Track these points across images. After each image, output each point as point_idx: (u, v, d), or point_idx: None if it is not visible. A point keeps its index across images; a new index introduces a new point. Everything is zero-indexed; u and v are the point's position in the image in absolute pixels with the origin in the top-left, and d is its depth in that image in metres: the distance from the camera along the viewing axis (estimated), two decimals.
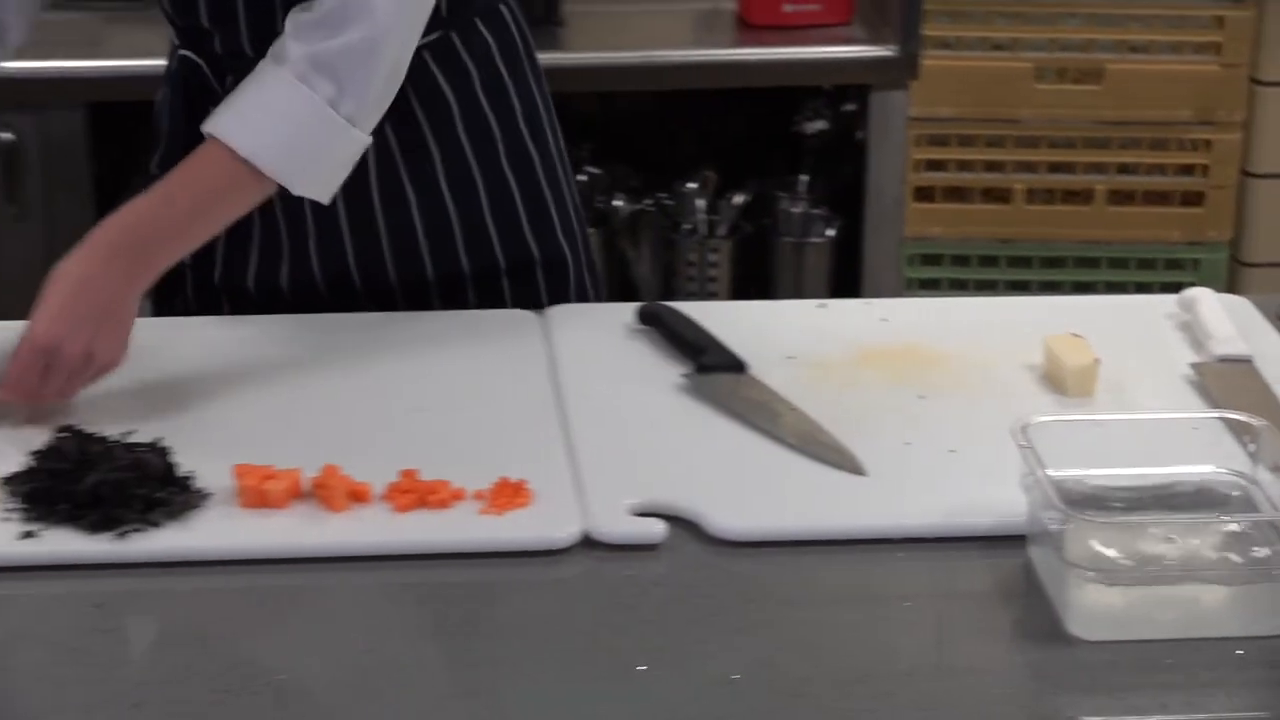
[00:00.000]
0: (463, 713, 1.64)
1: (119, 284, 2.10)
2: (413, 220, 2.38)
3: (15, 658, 1.73)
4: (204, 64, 2.35)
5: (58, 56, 3.26)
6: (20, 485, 1.91)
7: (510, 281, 2.43)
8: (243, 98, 2.16)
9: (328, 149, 2.17)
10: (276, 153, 2.14)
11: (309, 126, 2.14)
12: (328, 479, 1.91)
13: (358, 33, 2.13)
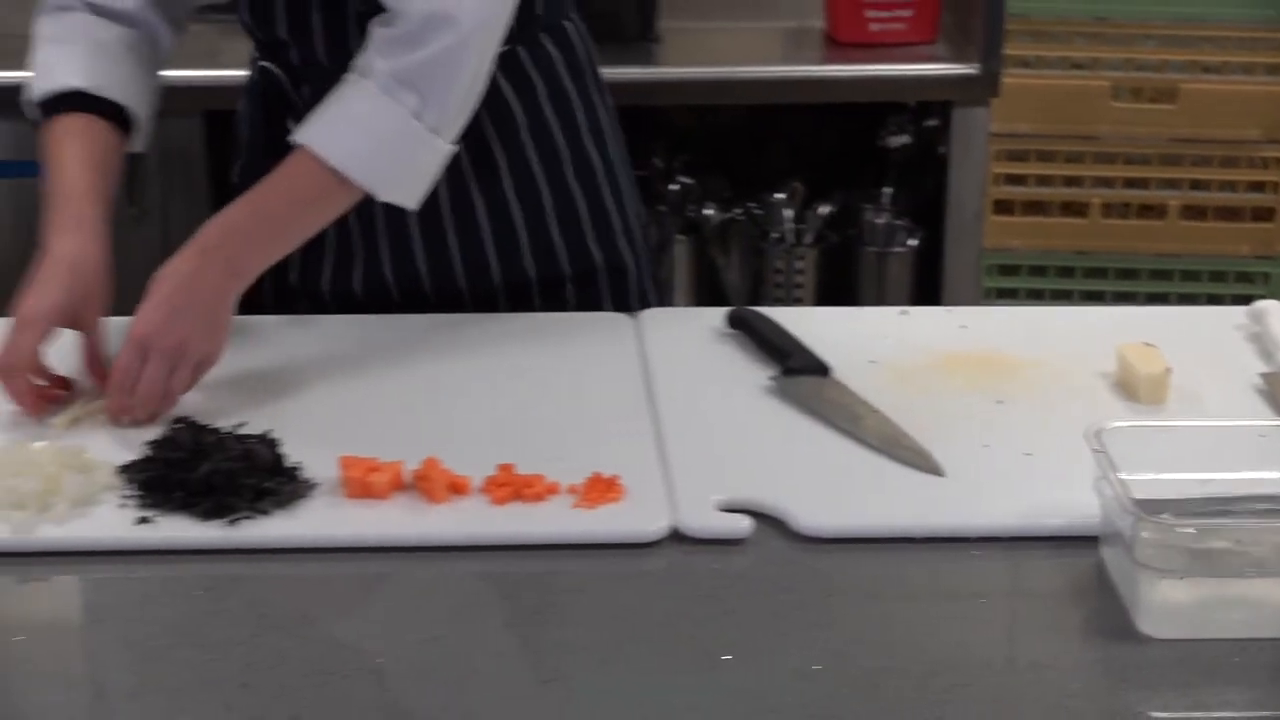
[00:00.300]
0: (554, 698, 1.64)
1: (215, 284, 2.12)
2: (480, 228, 2.39)
3: (129, 637, 1.74)
4: (282, 75, 2.37)
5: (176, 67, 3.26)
6: (137, 473, 1.92)
7: (574, 287, 2.44)
8: (332, 110, 2.17)
9: (412, 158, 2.18)
10: (364, 162, 2.15)
11: (394, 137, 2.16)
12: (429, 471, 1.92)
13: (439, 45, 2.14)
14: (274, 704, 1.62)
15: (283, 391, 2.12)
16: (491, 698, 1.64)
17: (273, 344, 2.24)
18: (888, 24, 3.43)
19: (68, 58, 2.30)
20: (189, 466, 1.90)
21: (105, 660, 1.72)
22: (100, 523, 1.87)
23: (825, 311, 2.38)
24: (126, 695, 1.65)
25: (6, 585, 1.82)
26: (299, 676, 1.66)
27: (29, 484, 1.88)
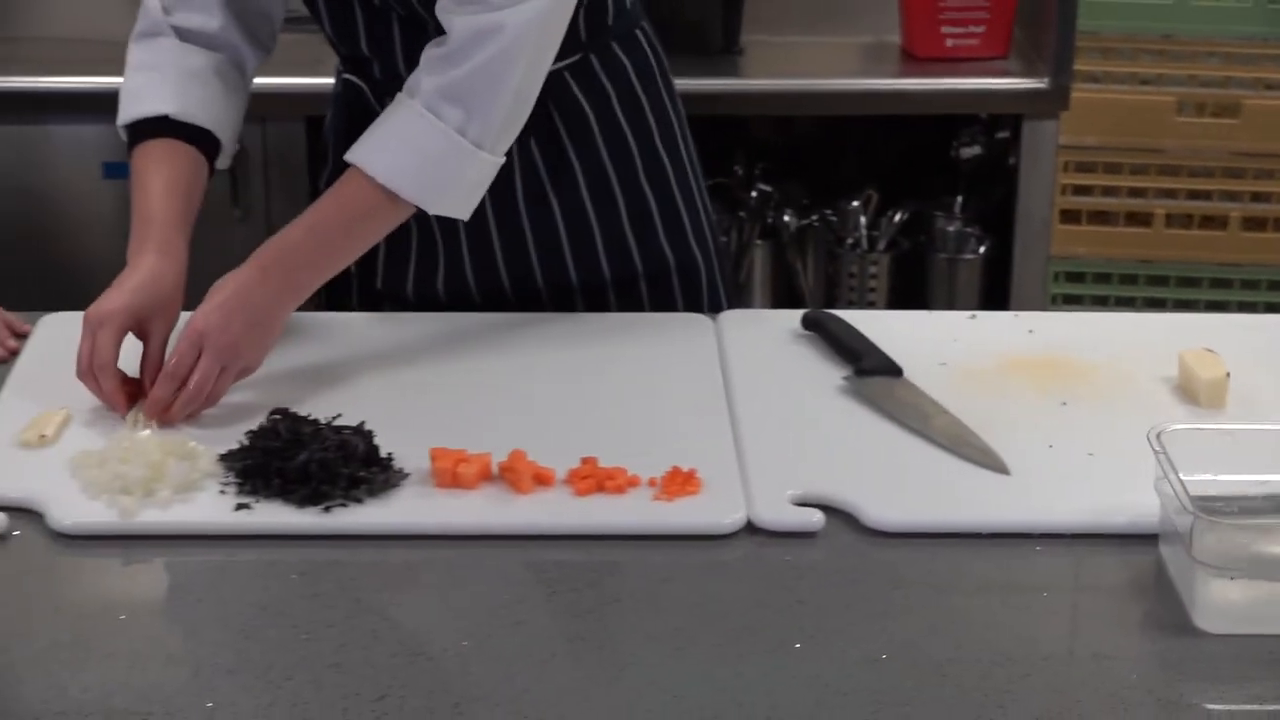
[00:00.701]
0: (631, 683, 1.63)
1: (271, 298, 2.11)
2: (558, 229, 2.38)
3: (226, 617, 1.74)
4: (365, 87, 2.37)
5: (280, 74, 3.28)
6: (236, 462, 1.92)
7: (648, 286, 2.43)
8: (381, 129, 2.18)
9: (459, 173, 2.17)
10: (412, 179, 2.15)
11: (440, 154, 2.15)
12: (515, 463, 1.91)
13: (482, 59, 2.13)
14: (363, 683, 1.62)
15: (376, 385, 2.12)
16: (571, 681, 1.63)
17: (366, 340, 2.25)
18: (962, 39, 3.42)
19: (155, 84, 2.30)
20: (287, 456, 1.90)
21: (203, 639, 1.72)
22: (201, 508, 1.88)
23: (897, 315, 2.37)
24: (223, 673, 1.65)
25: (112, 566, 1.83)
26: (387, 657, 1.66)
27: (135, 471, 1.89)
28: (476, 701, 1.60)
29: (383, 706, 1.59)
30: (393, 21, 2.29)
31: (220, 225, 3.27)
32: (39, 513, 1.87)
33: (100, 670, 1.64)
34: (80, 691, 1.61)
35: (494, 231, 2.37)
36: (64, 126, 3.25)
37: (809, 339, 2.24)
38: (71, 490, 1.90)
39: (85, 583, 1.81)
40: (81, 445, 1.97)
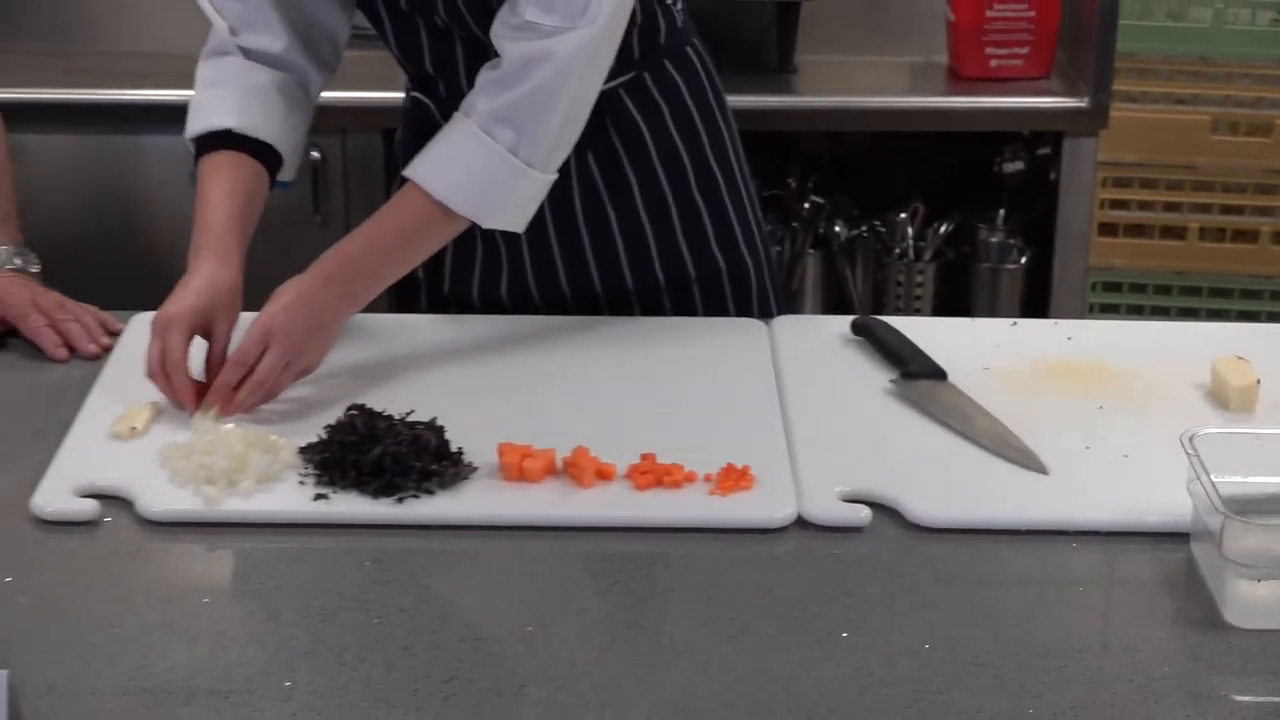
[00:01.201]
0: (686, 668, 1.63)
1: (330, 306, 2.13)
2: (614, 238, 2.38)
3: (304, 602, 1.75)
4: (431, 105, 2.38)
5: (358, 88, 3.30)
6: (315, 455, 1.93)
7: (700, 292, 2.42)
8: (438, 146, 2.18)
9: (510, 189, 2.17)
10: (466, 194, 2.16)
11: (493, 171, 2.16)
12: (578, 459, 1.92)
13: (534, 83, 2.13)
14: (433, 665, 1.63)
15: (447, 384, 2.13)
16: (629, 666, 1.64)
17: (437, 341, 2.25)
18: (1006, 60, 3.40)
19: (220, 99, 2.31)
20: (362, 449, 1.90)
21: (281, 622, 1.72)
22: (281, 498, 1.88)
23: (942, 321, 2.36)
24: (300, 654, 1.65)
25: (196, 552, 1.83)
26: (455, 641, 1.67)
27: (219, 462, 1.90)
28: (539, 684, 1.61)
29: (451, 688, 1.60)
30: (455, 42, 2.30)
31: (302, 230, 3.29)
32: (129, 501, 1.88)
33: (185, 650, 1.65)
34: (166, 670, 1.62)
35: (554, 241, 2.37)
36: (153, 137, 3.26)
37: (858, 343, 2.24)
38: (159, 480, 1.91)
39: (171, 567, 1.82)
40: (169, 437, 1.98)
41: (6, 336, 2.25)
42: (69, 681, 1.60)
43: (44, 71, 3.25)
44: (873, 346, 2.22)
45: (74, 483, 1.90)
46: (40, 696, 1.57)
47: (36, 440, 2.00)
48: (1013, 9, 3.38)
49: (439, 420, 1.96)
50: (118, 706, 1.57)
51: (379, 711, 1.57)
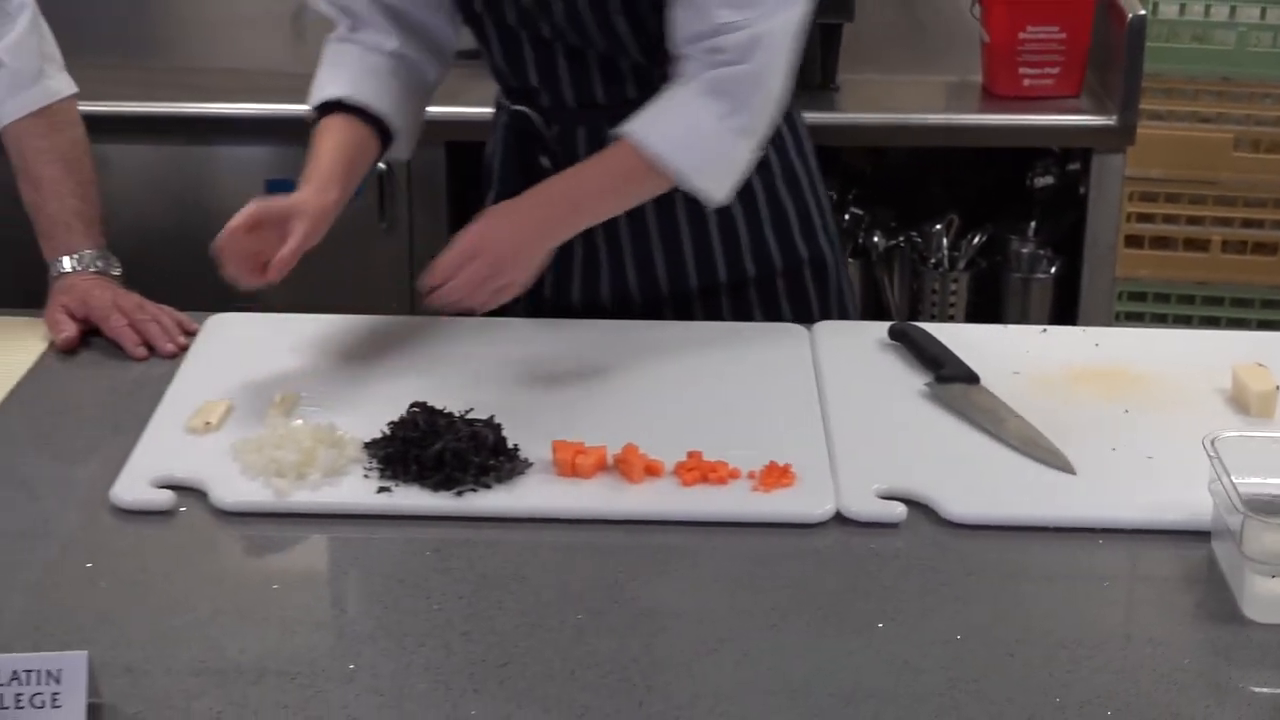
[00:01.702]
0: (729, 655, 1.63)
1: (531, 233, 2.18)
2: (710, 234, 2.39)
3: (368, 589, 1.76)
4: (534, 115, 2.37)
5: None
6: (379, 450, 1.93)
7: (784, 282, 2.43)
8: (654, 109, 2.20)
9: (719, 153, 2.20)
10: (678, 150, 2.17)
11: (705, 134, 2.18)
12: (628, 455, 1.92)
13: (750, 66, 2.17)
14: (489, 650, 1.63)
15: (504, 383, 2.12)
16: (675, 652, 1.64)
17: (495, 343, 2.25)
18: (1038, 80, 3.38)
19: (336, 77, 2.34)
20: (424, 445, 1.91)
21: (346, 608, 1.73)
22: (347, 490, 1.89)
23: (975, 328, 2.36)
24: (364, 638, 1.66)
25: (266, 541, 1.84)
26: (511, 627, 1.67)
27: (288, 456, 1.90)
28: (590, 669, 1.61)
29: (506, 671, 1.60)
30: (558, 53, 2.30)
31: (369, 237, 3.30)
32: (203, 492, 1.89)
33: (255, 634, 1.66)
34: (237, 653, 1.63)
35: (655, 239, 2.38)
36: (229, 147, 3.27)
37: (895, 348, 2.23)
38: (232, 472, 1.91)
39: (242, 556, 1.83)
40: (242, 432, 1.98)
41: (89, 335, 2.26)
42: (145, 662, 1.61)
43: (126, 86, 3.26)
44: (909, 351, 2.21)
45: (151, 474, 1.91)
46: (118, 676, 1.58)
47: (116, 434, 2.01)
48: (1045, 31, 3.36)
49: (496, 418, 1.96)
50: (190, 686, 1.58)
51: (437, 693, 1.57)
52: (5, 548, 1.80)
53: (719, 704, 1.56)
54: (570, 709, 1.56)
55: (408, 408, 1.98)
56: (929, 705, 1.57)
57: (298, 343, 2.23)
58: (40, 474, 1.97)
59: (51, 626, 1.66)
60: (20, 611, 1.69)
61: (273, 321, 2.31)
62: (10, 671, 1.47)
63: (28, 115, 2.43)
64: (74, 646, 1.55)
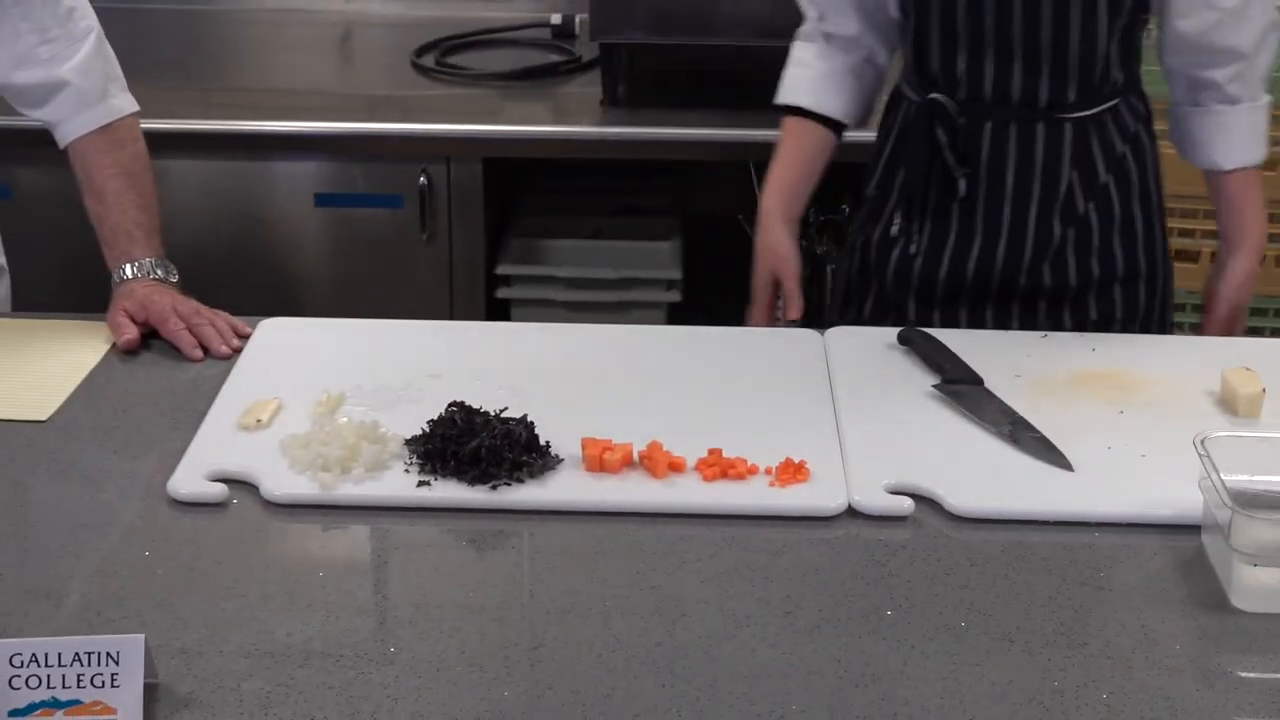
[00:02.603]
0: (747, 639, 1.63)
1: None
2: (1068, 234, 2.43)
3: (407, 577, 1.75)
4: (949, 104, 2.40)
5: (464, 121, 3.31)
6: (419, 446, 1.93)
7: (1121, 289, 2.48)
8: (1233, 133, 2.43)
9: None
10: (1259, 148, 2.44)
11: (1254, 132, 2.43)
12: (653, 452, 1.91)
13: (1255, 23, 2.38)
14: (521, 635, 1.63)
15: (536, 384, 2.12)
16: (696, 637, 1.63)
17: (527, 346, 2.25)
18: None
19: (802, 79, 2.54)
20: (461, 441, 1.90)
21: (387, 594, 1.73)
22: (389, 484, 1.88)
23: (978, 334, 2.35)
24: (404, 623, 1.66)
25: (312, 532, 1.83)
26: (542, 614, 1.67)
27: (334, 451, 1.90)
28: (616, 653, 1.60)
29: (537, 655, 1.60)
30: (988, 51, 2.36)
31: (411, 245, 3.30)
32: (253, 485, 1.89)
33: (301, 619, 1.66)
34: (285, 636, 1.63)
35: (1031, 227, 2.42)
36: (282, 162, 3.28)
37: (903, 352, 2.22)
38: (281, 466, 1.91)
39: (290, 545, 1.82)
40: (290, 429, 1.98)
41: (149, 338, 2.26)
42: (199, 645, 1.61)
43: (185, 105, 3.26)
44: (916, 355, 2.20)
45: (206, 468, 1.91)
46: (173, 657, 1.58)
47: (173, 430, 2.01)
48: None
49: (529, 417, 1.96)
50: (241, 667, 1.58)
51: (472, 674, 1.57)
52: (68, 537, 1.80)
53: (737, 686, 1.56)
54: (598, 690, 1.55)
55: (446, 406, 1.97)
56: (934, 687, 1.56)
57: (343, 345, 2.22)
58: (101, 468, 1.97)
59: (111, 611, 1.66)
60: (82, 596, 1.69)
61: (320, 326, 2.31)
62: (73, 653, 1.47)
63: (93, 132, 2.43)
64: (132, 630, 1.55)
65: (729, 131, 3.25)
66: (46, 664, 1.46)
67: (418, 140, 3.25)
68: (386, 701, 1.53)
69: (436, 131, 3.27)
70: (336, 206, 3.33)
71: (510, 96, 3.48)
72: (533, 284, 3.45)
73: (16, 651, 1.46)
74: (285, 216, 3.33)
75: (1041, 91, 2.36)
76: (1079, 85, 2.36)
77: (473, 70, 3.58)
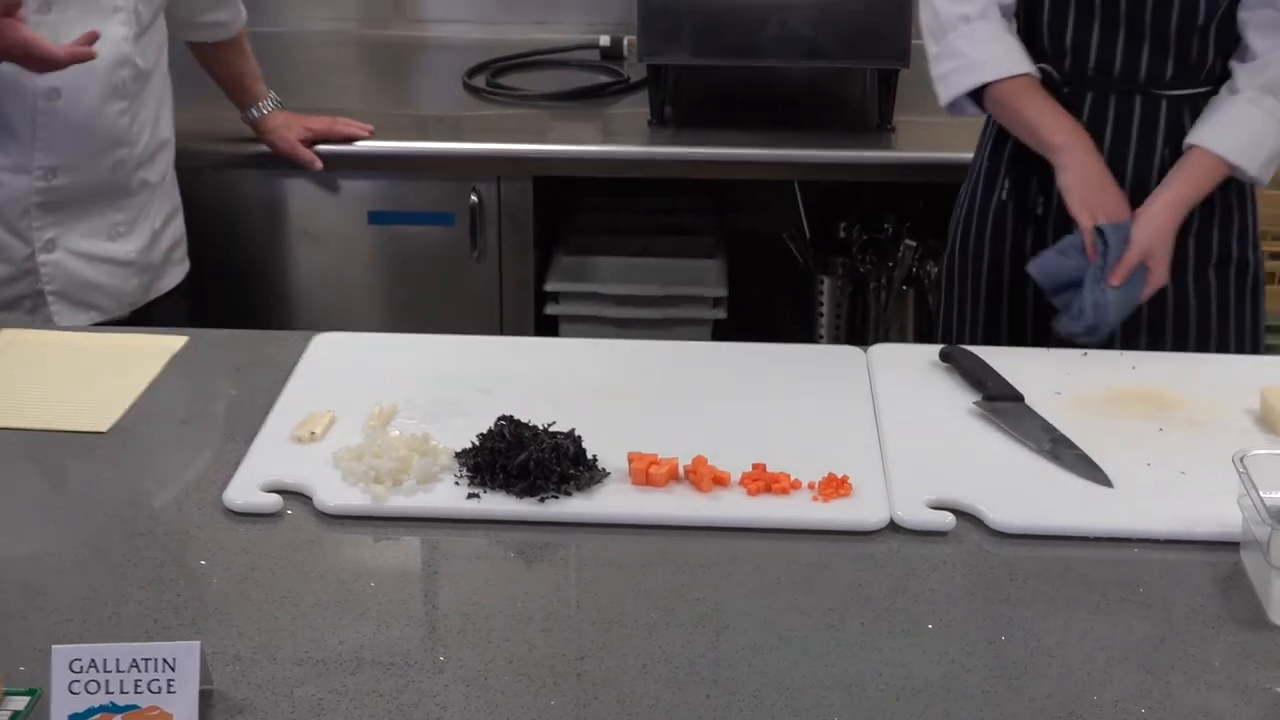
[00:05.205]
0: (790, 652, 1.62)
1: None
2: None
3: (457, 587, 1.75)
4: (1055, 74, 2.51)
5: (513, 141, 3.32)
6: (468, 459, 1.93)
7: (1214, 272, 2.56)
8: (1213, 117, 2.44)
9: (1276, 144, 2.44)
10: (1240, 149, 2.41)
11: (1262, 130, 2.42)
12: (698, 467, 1.91)
13: None
14: (567, 645, 1.63)
15: (583, 399, 2.12)
16: (740, 648, 1.62)
17: (575, 361, 2.25)
18: None
19: (1004, 51, 2.51)
20: (510, 455, 1.90)
21: (437, 604, 1.73)
22: (439, 496, 1.88)
23: (1019, 351, 2.34)
24: (453, 632, 1.66)
25: (364, 542, 1.84)
26: (588, 624, 1.66)
27: (386, 464, 1.90)
28: (660, 663, 1.60)
29: (583, 665, 1.59)
30: (1094, 24, 2.45)
31: (462, 262, 3.31)
32: (308, 496, 1.89)
33: (353, 627, 1.66)
34: (337, 643, 1.63)
35: None
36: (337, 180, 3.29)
37: (945, 369, 2.21)
38: (334, 478, 1.91)
39: (342, 555, 1.83)
40: (343, 442, 1.99)
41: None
42: (253, 652, 1.61)
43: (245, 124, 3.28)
44: (958, 372, 2.19)
45: (261, 480, 1.91)
46: (228, 664, 1.58)
47: (229, 442, 2.01)
48: None
49: (577, 431, 1.96)
50: (294, 674, 1.58)
51: (519, 684, 1.57)
52: (126, 546, 1.80)
53: (780, 698, 1.55)
54: (642, 701, 1.55)
55: (495, 420, 1.97)
56: (974, 701, 1.55)
57: (396, 360, 2.23)
58: (159, 478, 1.98)
59: (168, 619, 1.67)
60: (139, 604, 1.70)
61: (373, 340, 2.31)
62: (130, 660, 1.47)
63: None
64: (188, 637, 1.56)
65: (773, 151, 3.26)
66: (105, 669, 1.47)
67: (469, 159, 3.26)
68: (435, 709, 1.53)
69: (487, 151, 3.27)
70: (389, 224, 3.34)
71: (559, 116, 3.48)
72: (580, 300, 3.45)
73: (76, 657, 1.47)
74: (340, 233, 3.35)
75: (1141, 65, 2.45)
76: (1176, 60, 2.45)
77: (523, 91, 3.59)
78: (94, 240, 2.75)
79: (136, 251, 2.80)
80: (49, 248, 2.71)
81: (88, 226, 2.75)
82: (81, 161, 2.70)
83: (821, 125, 3.39)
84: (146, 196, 2.82)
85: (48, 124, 2.65)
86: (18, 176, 2.67)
